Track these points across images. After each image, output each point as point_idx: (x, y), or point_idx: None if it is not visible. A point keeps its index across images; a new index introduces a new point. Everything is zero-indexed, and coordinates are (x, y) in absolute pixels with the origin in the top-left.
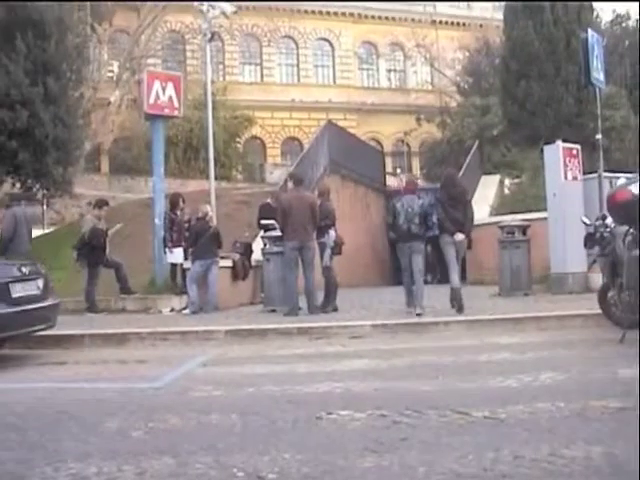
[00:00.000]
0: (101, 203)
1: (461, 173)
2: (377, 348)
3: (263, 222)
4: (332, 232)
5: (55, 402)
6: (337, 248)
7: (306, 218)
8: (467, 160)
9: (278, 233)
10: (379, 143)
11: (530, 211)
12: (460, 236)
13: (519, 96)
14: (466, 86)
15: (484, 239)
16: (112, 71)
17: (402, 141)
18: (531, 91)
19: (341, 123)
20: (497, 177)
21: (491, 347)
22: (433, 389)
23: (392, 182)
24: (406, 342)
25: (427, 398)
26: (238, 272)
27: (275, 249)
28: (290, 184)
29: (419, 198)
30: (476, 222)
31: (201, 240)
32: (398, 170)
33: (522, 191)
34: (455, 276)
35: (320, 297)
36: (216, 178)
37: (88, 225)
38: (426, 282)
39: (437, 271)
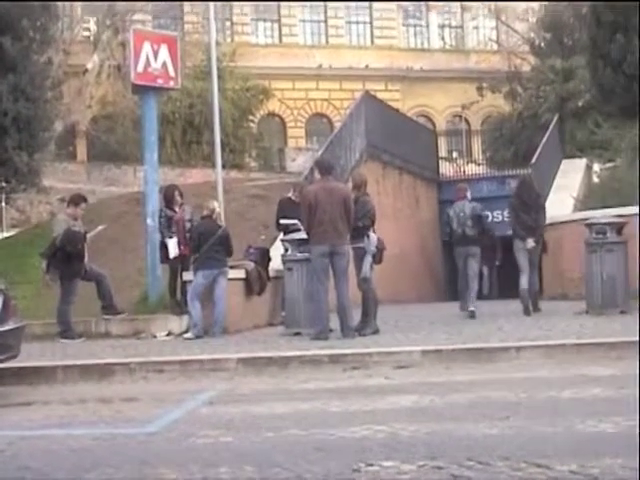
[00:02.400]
0: (77, 199)
1: (535, 158)
2: (429, 381)
3: (283, 222)
4: (372, 234)
5: (17, 455)
6: (378, 255)
7: (337, 216)
8: (543, 140)
9: (303, 235)
10: (430, 120)
11: (627, 205)
12: (530, 242)
13: (613, 56)
14: (543, 44)
15: (567, 241)
16: (88, 29)
17: (459, 117)
18: (630, 49)
19: (381, 95)
20: (583, 161)
21: (578, 380)
22: (502, 433)
23: (447, 170)
24: (466, 373)
25: (494, 445)
26: (252, 285)
27: (299, 256)
28: (317, 174)
29: (470, 202)
30: (557, 219)
31: (206, 245)
32: (454, 154)
33: (617, 179)
34: (524, 279)
35: (357, 316)
36: (224, 166)
37: (61, 227)
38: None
39: (487, 283)
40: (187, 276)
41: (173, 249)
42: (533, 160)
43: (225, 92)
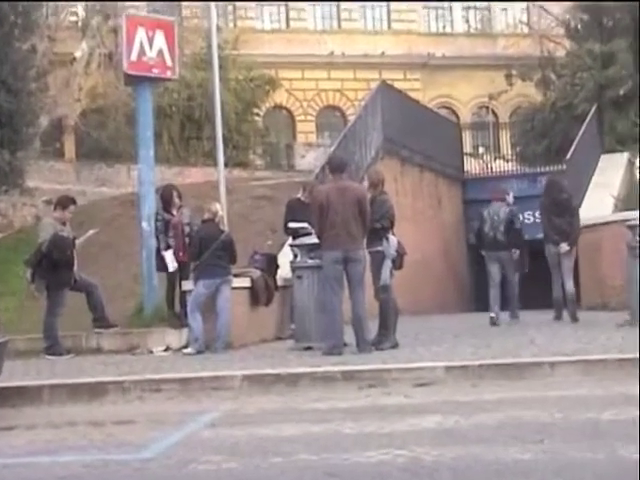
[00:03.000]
0: (65, 201)
1: (570, 153)
2: (454, 399)
3: (292, 225)
4: (392, 238)
5: None
6: (398, 260)
7: (351, 218)
8: (580, 133)
9: (314, 240)
10: (454, 112)
11: None
12: (564, 247)
13: None
14: (579, 26)
15: (606, 244)
16: (76, 14)
17: (486, 108)
18: None
19: (399, 85)
20: (624, 156)
21: (619, 400)
22: (535, 459)
23: (472, 167)
24: (495, 391)
25: (527, 471)
26: (259, 295)
27: (310, 262)
28: (329, 172)
29: (508, 205)
30: (595, 220)
31: (207, 251)
32: (481, 149)
33: None
34: (557, 286)
35: (374, 329)
36: (226, 165)
37: (47, 232)
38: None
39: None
40: (187, 285)
41: (171, 262)
42: (568, 155)
43: (227, 83)
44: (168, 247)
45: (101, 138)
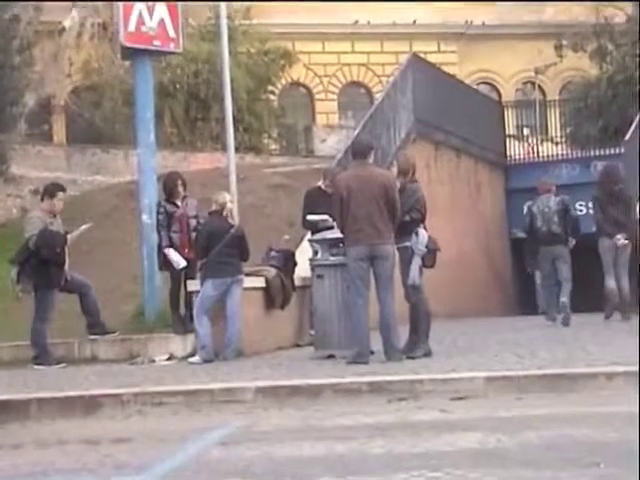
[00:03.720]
0: (52, 189)
1: (630, 134)
2: (496, 415)
3: (311, 218)
4: (422, 232)
5: None
6: (429, 257)
7: (377, 210)
8: None
9: (336, 234)
10: (495, 89)
11: None
12: (621, 240)
13: None
14: None
15: None
16: None
17: (532, 84)
18: None
19: (433, 58)
20: None
21: None
22: None
23: (516, 150)
24: (542, 405)
25: None
26: (274, 297)
27: (331, 260)
28: (352, 157)
29: (556, 195)
30: None
31: (216, 247)
32: (526, 131)
33: None
34: (610, 282)
35: (404, 334)
36: (237, 149)
37: (35, 226)
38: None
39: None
40: (193, 286)
41: (177, 259)
42: (627, 136)
43: (238, 57)
44: (171, 244)
45: (95, 119)
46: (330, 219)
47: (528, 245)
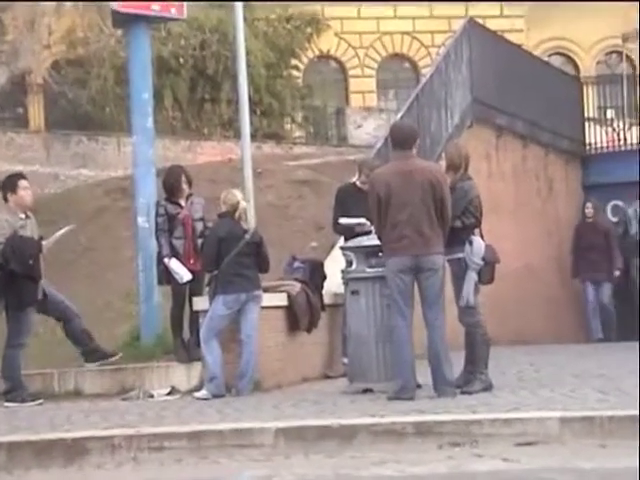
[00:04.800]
0: (12, 182)
1: None
2: (574, 466)
3: (344, 221)
4: (477, 240)
5: None
6: (487, 271)
7: (423, 213)
8: None
9: (374, 241)
10: (571, 61)
11: None
12: None
13: None
14: None
15: None
16: None
17: (618, 54)
18: None
19: (495, 24)
20: None
21: None
22: None
23: (598, 137)
24: (630, 455)
25: None
26: (299, 317)
27: (368, 272)
28: (393, 147)
29: None
30: None
31: (228, 257)
32: (610, 113)
33: None
34: None
35: (458, 364)
36: (253, 137)
37: (2, 232)
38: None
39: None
40: (200, 304)
41: (180, 270)
42: None
43: (254, 24)
44: (173, 253)
45: (80, 100)
46: (367, 222)
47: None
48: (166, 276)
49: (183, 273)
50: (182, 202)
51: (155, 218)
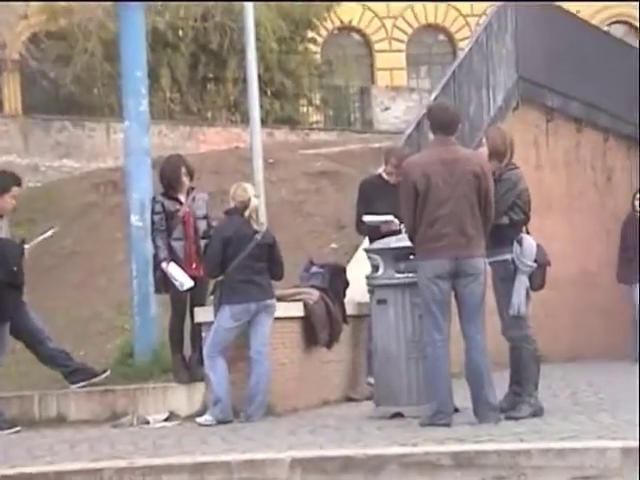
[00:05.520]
0: (7, 183)
1: None
2: None
3: (369, 219)
4: (527, 239)
5: None
6: (538, 275)
7: (468, 207)
8: None
9: (404, 242)
10: (636, 31)
11: None
12: None
13: None
14: None
15: None
16: None
17: None
18: None
19: None
20: None
21: None
22: None
23: None
24: None
25: None
26: (318, 330)
27: (398, 278)
28: (430, 132)
29: None
30: None
31: (235, 261)
32: None
33: None
34: None
35: (501, 385)
36: (264, 122)
37: None
38: None
39: None
40: (203, 315)
41: (180, 277)
42: None
43: None
44: (172, 257)
45: (63, 80)
46: (396, 220)
47: None
48: (164, 283)
49: (183, 280)
50: (182, 198)
51: (151, 216)
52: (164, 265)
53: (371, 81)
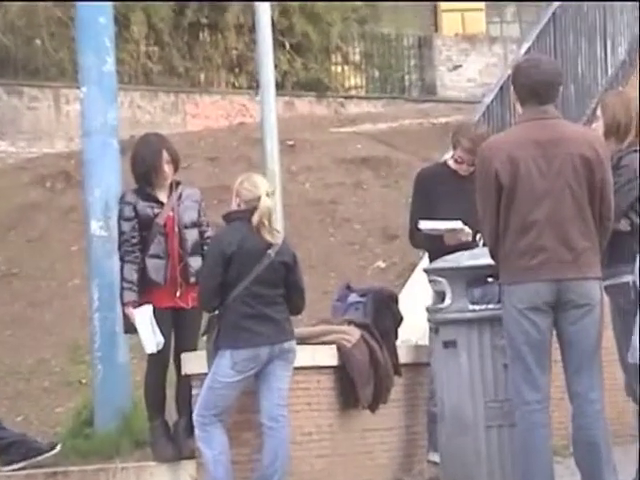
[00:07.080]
0: None
1: None
2: None
3: (428, 226)
4: None
5: None
6: None
7: (576, 209)
8: None
9: (478, 259)
10: None
11: None
12: None
13: None
14: None
15: None
16: None
17: None
18: None
19: None
20: None
21: None
22: None
23: None
24: None
25: None
26: (357, 385)
27: (472, 310)
28: (518, 101)
29: None
30: None
31: (240, 285)
32: None
33: None
34: None
35: (625, 465)
36: (280, 87)
37: None
38: None
39: None
40: (192, 365)
41: (148, 338)
42: None
43: None
44: (145, 283)
45: None
46: (466, 227)
47: None
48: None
49: (148, 343)
50: (163, 196)
51: (118, 221)
52: (129, 312)
53: (434, 28)
